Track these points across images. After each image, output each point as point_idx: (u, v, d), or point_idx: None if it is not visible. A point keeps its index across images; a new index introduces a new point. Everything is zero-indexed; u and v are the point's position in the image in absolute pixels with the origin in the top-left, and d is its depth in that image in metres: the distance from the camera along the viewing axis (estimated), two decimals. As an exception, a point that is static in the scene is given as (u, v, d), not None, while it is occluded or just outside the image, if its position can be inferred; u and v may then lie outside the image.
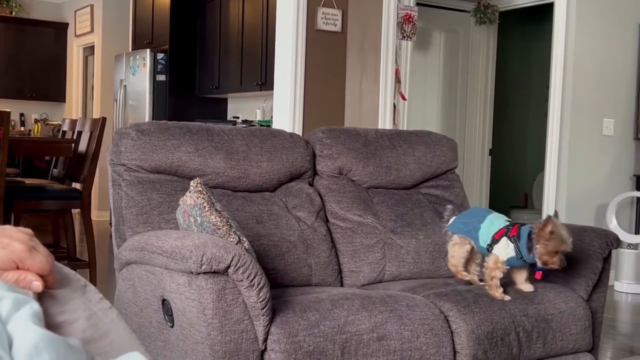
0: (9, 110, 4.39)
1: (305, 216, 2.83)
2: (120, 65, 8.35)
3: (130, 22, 8.70)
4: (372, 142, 3.12)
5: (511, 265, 2.53)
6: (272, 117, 5.16)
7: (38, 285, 1.00)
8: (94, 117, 7.24)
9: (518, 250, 2.46)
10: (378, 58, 5.12)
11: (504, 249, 2.49)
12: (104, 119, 4.87)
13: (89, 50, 9.95)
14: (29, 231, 1.05)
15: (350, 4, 5.01)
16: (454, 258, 2.69)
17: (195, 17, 7.72)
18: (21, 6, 10.15)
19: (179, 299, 2.11)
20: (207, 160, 2.69)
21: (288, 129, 4.72)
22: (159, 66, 7.70)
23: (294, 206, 2.85)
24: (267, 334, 2.10)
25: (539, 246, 2.41)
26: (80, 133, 5.06)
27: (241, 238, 2.26)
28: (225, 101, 7.96)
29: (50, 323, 1.00)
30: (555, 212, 2.50)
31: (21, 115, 10.41)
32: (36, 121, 10.41)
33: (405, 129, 5.87)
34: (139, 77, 7.88)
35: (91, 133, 4.88)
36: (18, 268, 0.99)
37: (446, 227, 2.74)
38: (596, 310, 2.77)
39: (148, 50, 7.76)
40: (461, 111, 7.01)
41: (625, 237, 5.50)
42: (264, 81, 6.54)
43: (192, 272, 2.02)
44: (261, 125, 6.63)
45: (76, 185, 5.08)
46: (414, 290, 2.64)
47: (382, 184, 3.13)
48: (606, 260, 2.79)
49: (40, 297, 1.01)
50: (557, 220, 2.41)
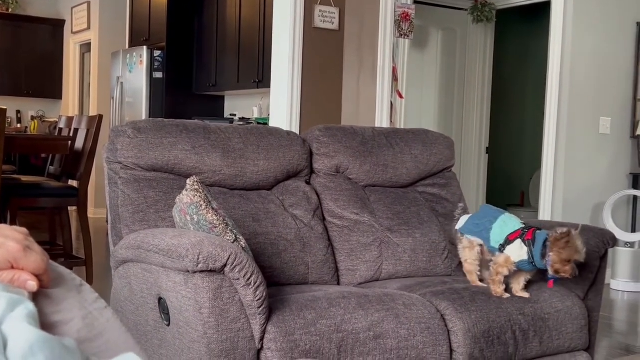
0: (5, 107, 4.39)
1: (302, 214, 2.83)
2: (117, 62, 8.34)
3: (127, 19, 8.69)
4: (369, 141, 3.12)
5: (520, 268, 2.52)
6: (269, 114, 5.15)
7: (33, 284, 0.99)
8: (90, 115, 7.23)
9: (531, 254, 2.46)
10: (375, 56, 5.12)
11: (517, 251, 2.49)
12: (100, 117, 4.86)
13: (86, 47, 9.93)
14: (24, 230, 1.05)
15: (348, 2, 5.00)
16: (467, 263, 2.69)
17: (193, 14, 7.71)
18: (18, 3, 10.13)
19: (175, 298, 2.10)
20: (203, 158, 2.68)
21: (285, 126, 4.72)
22: (156, 63, 7.68)
23: (291, 204, 2.84)
24: (263, 332, 2.10)
25: (552, 254, 2.41)
26: (76, 130, 5.05)
27: (238, 237, 2.25)
28: (222, 99, 7.95)
29: (45, 323, 0.99)
30: (581, 226, 2.50)
31: (18, 112, 10.40)
32: (33, 118, 10.39)
33: (402, 127, 5.87)
34: (135, 75, 7.87)
35: (88, 130, 4.88)
36: (13, 267, 0.99)
37: (456, 227, 2.75)
38: (593, 309, 2.77)
39: (145, 47, 7.74)
40: (458, 109, 7.01)
41: (622, 235, 5.50)
42: (261, 79, 6.53)
43: (188, 271, 2.02)
44: (258, 123, 6.62)
45: (73, 183, 5.07)
46: (410, 288, 2.64)
47: (379, 182, 3.13)
48: (603, 259, 2.79)
49: (35, 296, 1.00)
50: (576, 233, 2.41)
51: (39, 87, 10.28)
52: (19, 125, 10.27)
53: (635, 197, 5.88)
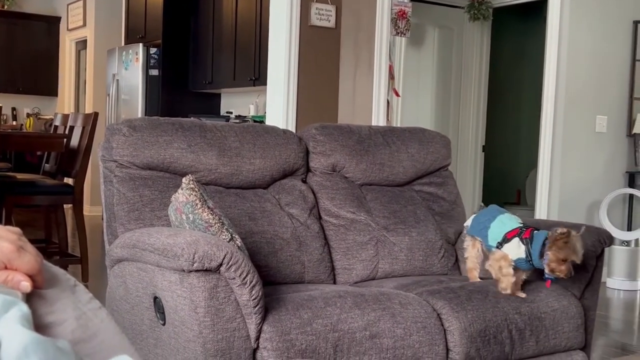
0: (0, 104, 4.37)
1: (298, 213, 2.82)
2: (112, 59, 8.32)
3: (123, 16, 8.66)
4: (365, 139, 3.11)
5: (517, 267, 2.51)
6: (265, 112, 5.14)
7: (27, 285, 0.98)
8: (86, 112, 7.21)
9: (529, 253, 2.46)
10: (372, 54, 5.11)
11: (514, 249, 2.49)
12: (96, 114, 4.84)
13: (82, 45, 9.90)
14: (17, 230, 1.04)
15: (344, 0, 4.99)
16: (468, 260, 2.73)
17: (189, 11, 7.69)
18: (13, -1, 10.11)
19: (170, 297, 2.09)
20: (199, 156, 2.68)
21: (281, 124, 4.71)
22: (152, 61, 7.67)
23: (287, 203, 2.83)
24: (259, 332, 2.09)
25: (549, 252, 2.41)
26: (72, 128, 5.04)
27: (233, 235, 2.24)
28: (218, 96, 7.94)
29: (38, 323, 0.99)
30: (584, 228, 2.49)
31: (13, 109, 10.37)
32: (28, 115, 10.36)
33: (398, 125, 5.87)
34: (131, 72, 7.85)
35: (83, 128, 4.86)
36: (6, 268, 0.98)
37: (464, 224, 2.79)
38: (589, 308, 2.77)
39: (141, 44, 7.73)
40: (454, 108, 7.01)
41: (618, 234, 5.51)
42: (258, 76, 6.52)
43: (184, 270, 2.01)
44: (254, 121, 6.61)
45: (68, 181, 5.06)
46: (406, 287, 2.63)
47: (375, 181, 3.12)
48: (599, 258, 2.79)
49: (29, 297, 0.99)
50: (577, 234, 2.41)
51: (34, 84, 10.26)
52: (14, 123, 10.25)
53: (631, 195, 5.88)
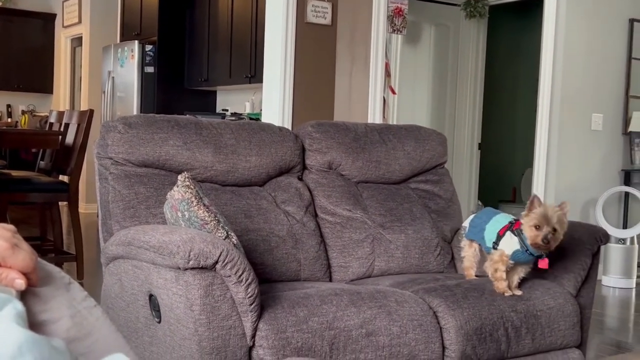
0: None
1: (294, 211, 2.81)
2: (108, 56, 8.30)
3: (119, 13, 8.65)
4: (361, 137, 3.11)
5: (516, 260, 2.51)
6: (261, 110, 5.13)
7: (21, 283, 0.98)
8: (81, 109, 7.19)
9: (522, 242, 2.46)
10: (368, 51, 5.10)
11: (509, 243, 2.50)
12: (91, 111, 4.83)
13: (77, 42, 9.88)
14: (11, 227, 1.04)
15: (340, -3, 4.99)
16: (465, 259, 2.75)
17: (184, 8, 7.68)
18: (8, -4, 10.07)
19: (166, 295, 2.09)
20: (195, 154, 2.67)
21: (277, 122, 4.70)
22: (148, 58, 7.65)
23: (283, 200, 2.83)
24: (255, 330, 2.09)
25: (523, 223, 2.43)
26: (67, 125, 5.02)
27: (229, 233, 2.24)
28: (214, 94, 7.93)
29: (33, 321, 0.98)
30: (565, 203, 2.51)
31: (8, 106, 10.34)
32: (23, 113, 10.34)
33: (394, 123, 5.87)
34: (127, 69, 7.83)
35: (78, 125, 4.85)
36: (0, 266, 0.97)
37: (463, 224, 2.80)
38: (585, 306, 2.77)
39: (136, 41, 7.71)
40: (450, 105, 7.01)
41: (614, 232, 5.52)
42: (254, 74, 6.52)
43: (179, 268, 2.00)
44: (250, 119, 6.60)
45: (63, 178, 5.04)
46: (402, 285, 2.63)
47: (371, 178, 3.12)
48: (595, 256, 2.79)
49: (23, 295, 0.99)
50: (547, 204, 2.45)
51: (29, 81, 10.23)
52: (9, 120, 10.22)
53: (626, 193, 5.89)
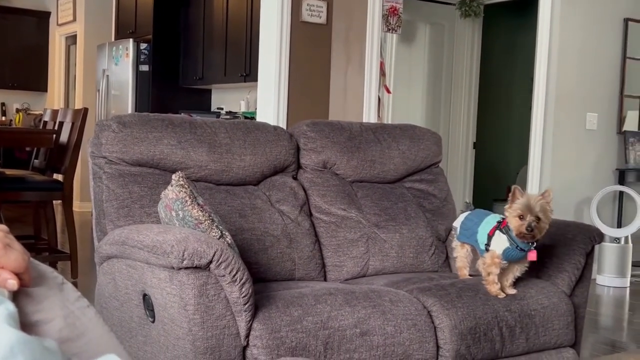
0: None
1: (288, 210, 2.81)
2: (102, 55, 8.28)
3: (113, 12, 8.62)
4: (356, 136, 3.11)
5: (509, 259, 2.51)
6: (256, 108, 5.13)
7: (13, 283, 0.97)
8: (76, 108, 7.17)
9: (511, 239, 2.46)
10: (363, 50, 5.10)
11: (499, 242, 2.50)
12: (85, 110, 4.82)
13: (72, 40, 9.85)
14: (4, 228, 1.03)
15: (336, -4, 4.98)
16: (458, 259, 2.75)
17: (179, 6, 7.66)
18: (2, -6, 10.04)
19: (160, 294, 2.08)
20: (189, 153, 2.66)
21: (272, 121, 4.70)
22: (142, 56, 7.63)
23: (278, 200, 2.83)
24: (249, 329, 2.09)
25: (507, 214, 2.43)
26: (61, 124, 5.01)
27: (223, 232, 2.23)
28: (209, 92, 7.91)
29: (25, 322, 0.98)
30: (548, 190, 2.51)
31: (2, 104, 10.31)
32: (17, 111, 10.31)
33: (389, 122, 5.87)
34: (121, 67, 7.81)
35: (73, 124, 4.84)
36: (-8, 266, 0.97)
37: (454, 224, 2.79)
38: (579, 306, 2.77)
39: (131, 40, 7.69)
40: (445, 104, 7.02)
41: (608, 231, 5.53)
42: (248, 72, 6.51)
43: (173, 267, 2.00)
44: (245, 117, 6.60)
45: (57, 177, 5.03)
46: (397, 284, 2.63)
47: (366, 177, 3.12)
48: (589, 256, 2.80)
49: (16, 295, 0.99)
50: (527, 193, 2.46)
51: (24, 79, 10.19)
52: (3, 118, 10.19)
53: (621, 192, 5.90)
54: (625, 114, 5.95)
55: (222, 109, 7.43)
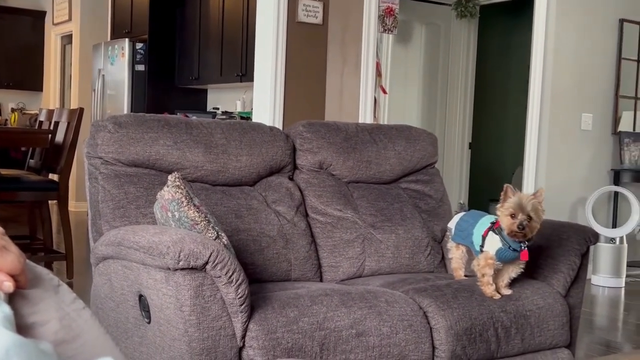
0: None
1: (284, 211, 2.81)
2: (98, 54, 8.27)
3: (109, 11, 8.61)
4: (352, 137, 3.11)
5: (502, 260, 2.51)
6: (252, 108, 5.12)
7: (9, 285, 0.97)
8: (71, 107, 7.16)
9: (504, 239, 2.47)
10: (359, 51, 5.10)
11: (492, 243, 2.50)
12: (81, 110, 4.81)
13: (67, 39, 9.83)
14: (0, 229, 1.03)
15: (332, -4, 4.98)
16: (453, 260, 2.76)
17: (175, 6, 7.66)
18: (-2, -7, 10.02)
19: (156, 295, 2.08)
20: (185, 153, 2.66)
21: (268, 121, 4.70)
22: (138, 56, 7.63)
23: (274, 200, 2.83)
24: (245, 330, 2.09)
25: (499, 214, 2.43)
26: (57, 123, 5.00)
27: (220, 233, 2.23)
28: (205, 92, 7.91)
29: (21, 324, 0.98)
30: (540, 189, 2.52)
31: (-3, 104, 10.29)
32: (13, 111, 10.29)
33: (385, 122, 5.87)
34: (117, 67, 7.80)
35: (68, 123, 4.83)
36: (-12, 269, 0.97)
37: (449, 225, 2.79)
38: (574, 306, 2.78)
39: (127, 39, 7.68)
40: (441, 105, 7.03)
41: (603, 231, 5.54)
42: (244, 72, 6.51)
43: (169, 268, 2.00)
44: (241, 117, 6.59)
45: (53, 177, 5.02)
46: (393, 285, 2.63)
47: (362, 178, 3.12)
48: (584, 256, 2.80)
49: (12, 297, 0.98)
50: (519, 192, 2.47)
51: (19, 79, 10.18)
52: (-2, 118, 10.18)
53: (616, 193, 5.92)
54: (621, 115, 5.97)
55: (218, 109, 7.43)
